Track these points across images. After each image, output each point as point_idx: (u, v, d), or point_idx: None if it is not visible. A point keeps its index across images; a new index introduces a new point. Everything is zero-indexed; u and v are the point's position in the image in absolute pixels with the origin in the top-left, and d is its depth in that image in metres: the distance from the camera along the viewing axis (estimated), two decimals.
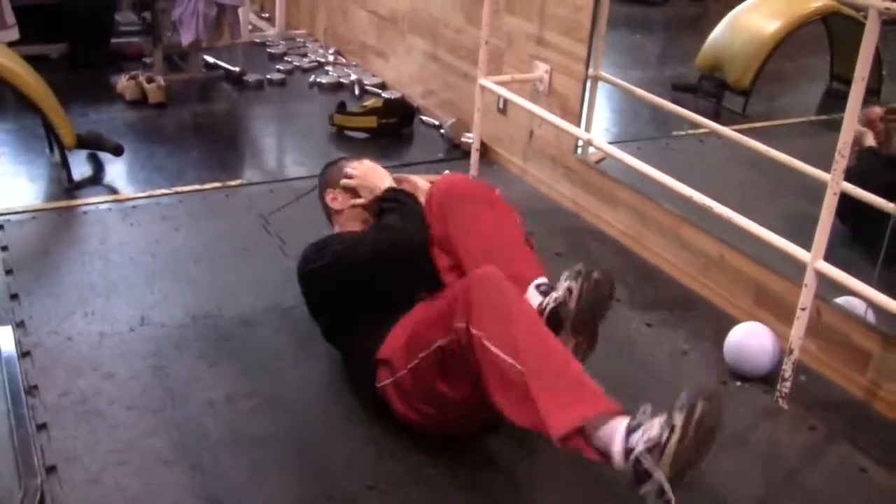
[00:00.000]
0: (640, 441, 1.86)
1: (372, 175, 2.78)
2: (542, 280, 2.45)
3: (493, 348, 2.09)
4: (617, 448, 1.89)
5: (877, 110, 3.52)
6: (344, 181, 2.81)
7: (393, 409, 2.46)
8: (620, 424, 1.92)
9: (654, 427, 1.86)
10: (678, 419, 1.83)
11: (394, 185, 2.74)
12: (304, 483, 2.34)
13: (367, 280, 2.55)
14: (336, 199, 2.83)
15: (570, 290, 2.31)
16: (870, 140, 3.45)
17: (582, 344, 2.33)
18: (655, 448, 1.84)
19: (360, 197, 2.79)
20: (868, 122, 3.44)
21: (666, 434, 1.83)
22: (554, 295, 2.35)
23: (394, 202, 2.65)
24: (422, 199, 2.73)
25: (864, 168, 3.34)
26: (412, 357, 2.33)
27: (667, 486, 1.83)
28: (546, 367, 2.04)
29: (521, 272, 2.44)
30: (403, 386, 2.39)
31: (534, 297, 2.40)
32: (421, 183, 2.82)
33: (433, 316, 2.31)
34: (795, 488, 2.44)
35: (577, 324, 2.31)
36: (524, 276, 2.44)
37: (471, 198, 2.62)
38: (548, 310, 2.34)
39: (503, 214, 2.63)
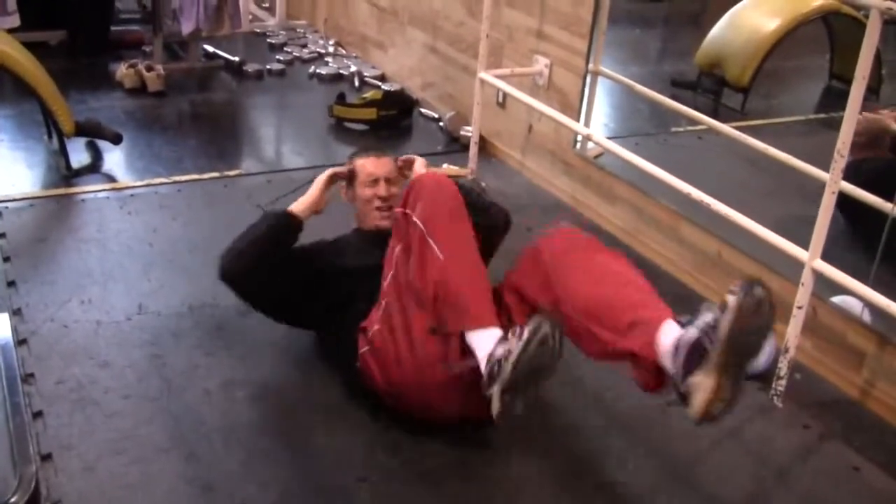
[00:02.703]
0: (500, 351, 2.13)
1: None
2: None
3: (419, 224, 2.32)
4: (483, 356, 2.18)
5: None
6: None
7: (373, 385, 2.47)
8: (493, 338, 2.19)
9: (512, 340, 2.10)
10: (524, 333, 2.07)
11: (309, 202, 2.79)
12: (296, 473, 2.35)
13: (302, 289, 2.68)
14: (342, 193, 2.96)
15: (722, 310, 1.86)
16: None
17: (722, 391, 1.87)
18: (505, 356, 2.09)
19: None
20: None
21: (514, 343, 2.08)
22: (701, 320, 1.91)
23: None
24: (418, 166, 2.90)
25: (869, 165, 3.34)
26: (380, 304, 2.44)
27: None
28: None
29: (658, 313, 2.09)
30: (378, 345, 2.41)
31: (669, 332, 1.98)
32: (417, 164, 2.90)
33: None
34: (788, 486, 2.45)
35: (725, 357, 1.85)
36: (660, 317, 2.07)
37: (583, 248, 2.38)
38: (686, 341, 1.91)
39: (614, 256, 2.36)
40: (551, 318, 2.06)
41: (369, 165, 2.86)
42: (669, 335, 1.97)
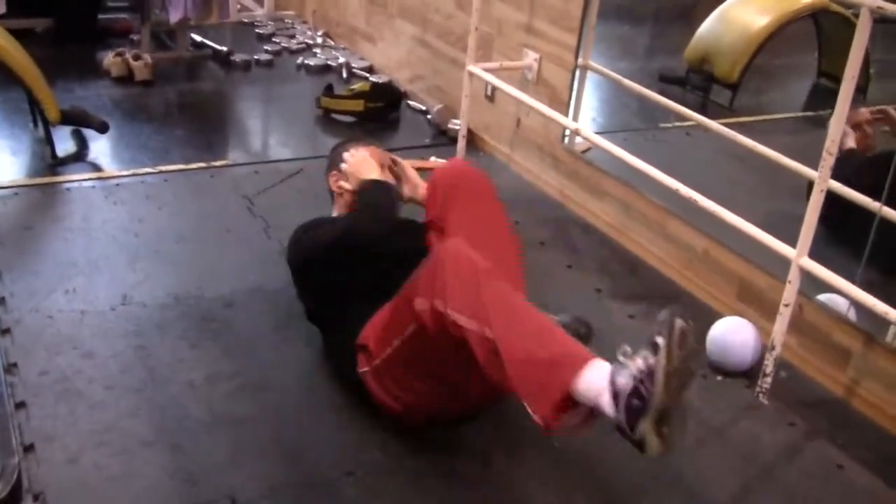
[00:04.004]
0: (628, 378, 1.81)
1: (363, 165, 2.77)
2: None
3: (460, 319, 2.04)
4: (605, 398, 1.84)
5: (864, 113, 3.51)
6: (341, 165, 2.83)
7: (372, 396, 2.45)
8: (603, 375, 1.86)
9: (637, 360, 1.82)
10: (660, 340, 1.78)
11: (378, 177, 2.72)
12: (282, 467, 2.34)
13: (344, 264, 2.55)
14: (336, 182, 2.84)
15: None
16: (850, 142, 3.44)
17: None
18: (646, 375, 1.79)
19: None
20: (855, 125, 3.44)
21: (651, 358, 1.79)
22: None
23: (367, 193, 2.64)
24: (407, 188, 2.81)
25: (846, 169, 3.34)
26: (387, 345, 2.33)
27: (660, 407, 1.77)
28: (518, 335, 1.98)
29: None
30: (381, 374, 2.38)
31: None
32: (410, 173, 2.84)
33: (404, 301, 2.25)
34: (773, 484, 2.46)
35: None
36: None
37: (473, 192, 2.58)
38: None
39: (499, 218, 2.58)
40: (678, 309, 1.84)
41: (374, 155, 2.83)
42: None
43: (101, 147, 4.10)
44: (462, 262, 2.12)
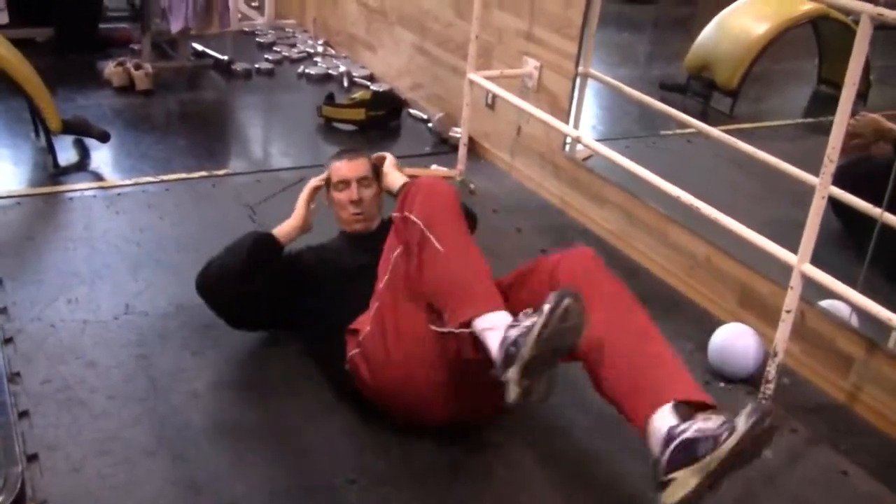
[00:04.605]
0: (515, 331, 2.05)
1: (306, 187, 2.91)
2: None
3: (418, 222, 2.31)
4: (493, 336, 2.10)
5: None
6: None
7: (362, 387, 2.46)
8: (501, 320, 2.13)
9: (527, 319, 2.04)
10: (545, 308, 1.99)
11: (302, 203, 2.84)
12: (284, 474, 2.34)
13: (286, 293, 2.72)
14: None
15: (729, 430, 1.92)
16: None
17: (703, 491, 1.93)
18: (525, 334, 2.01)
19: None
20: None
21: (532, 319, 2.01)
22: (703, 424, 1.97)
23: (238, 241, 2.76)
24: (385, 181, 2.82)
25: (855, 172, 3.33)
26: (373, 306, 2.42)
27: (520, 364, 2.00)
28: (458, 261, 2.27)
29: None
30: (368, 347, 2.40)
31: (665, 418, 2.02)
32: (386, 163, 2.84)
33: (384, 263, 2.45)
34: (776, 490, 2.45)
35: (721, 466, 1.91)
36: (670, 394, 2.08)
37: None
38: (682, 440, 1.95)
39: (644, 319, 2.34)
40: (572, 291, 2.01)
41: (343, 168, 2.83)
42: (664, 421, 2.02)
43: (102, 156, 4.11)
44: (440, 189, 2.40)
